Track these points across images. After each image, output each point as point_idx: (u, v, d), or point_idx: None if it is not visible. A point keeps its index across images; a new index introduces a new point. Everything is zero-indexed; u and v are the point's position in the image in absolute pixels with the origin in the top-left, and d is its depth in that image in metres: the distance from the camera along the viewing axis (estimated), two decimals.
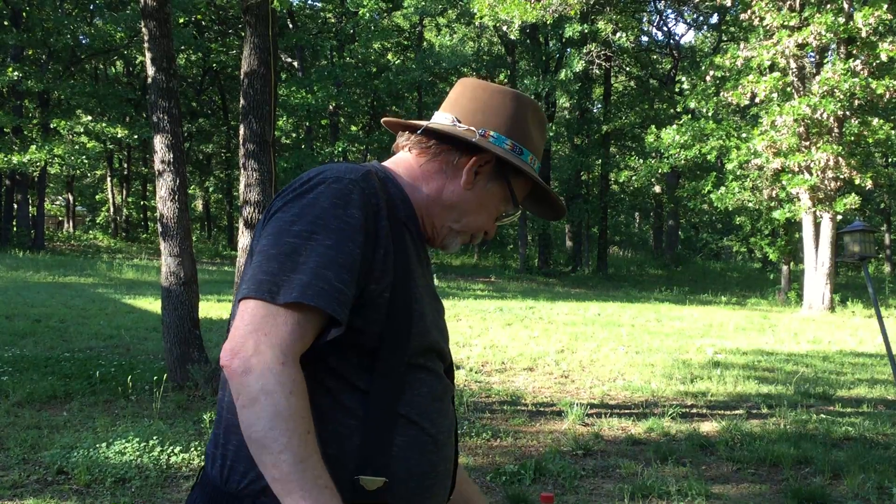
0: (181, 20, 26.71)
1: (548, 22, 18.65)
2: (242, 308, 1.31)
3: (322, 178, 1.39)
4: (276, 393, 1.24)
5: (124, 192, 38.41)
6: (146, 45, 7.59)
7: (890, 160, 29.04)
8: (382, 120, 1.76)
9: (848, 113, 18.19)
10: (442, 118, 1.55)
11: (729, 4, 20.45)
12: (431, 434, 1.44)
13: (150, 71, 7.56)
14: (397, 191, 1.49)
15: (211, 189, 40.46)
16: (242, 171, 7.59)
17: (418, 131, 1.54)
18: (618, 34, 27.35)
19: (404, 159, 1.55)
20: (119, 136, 27.03)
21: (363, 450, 1.36)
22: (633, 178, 25.37)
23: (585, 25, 25.48)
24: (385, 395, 1.38)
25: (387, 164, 1.57)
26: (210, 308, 12.49)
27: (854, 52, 18.15)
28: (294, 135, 36.57)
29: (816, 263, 19.14)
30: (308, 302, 1.28)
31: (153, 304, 12.91)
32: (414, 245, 1.48)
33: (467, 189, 1.52)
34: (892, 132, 18.77)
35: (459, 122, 1.52)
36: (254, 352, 1.26)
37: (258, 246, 1.38)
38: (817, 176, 18.42)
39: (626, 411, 7.16)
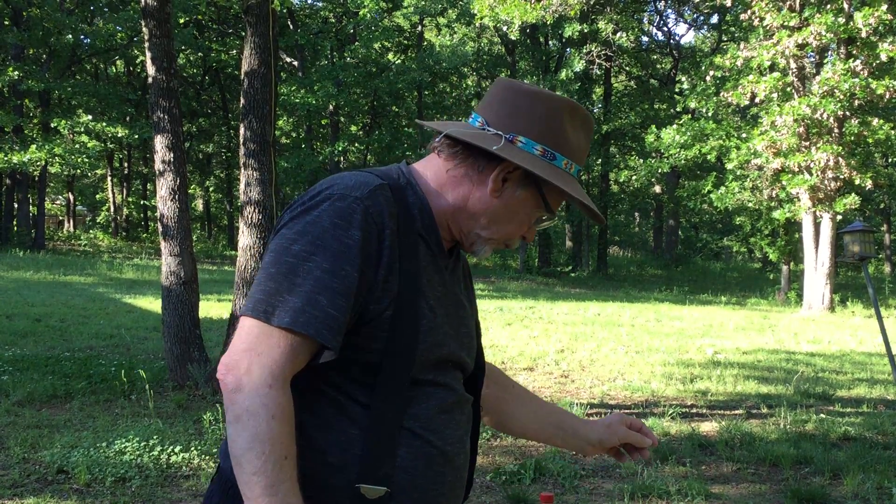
0: (181, 20, 26.72)
1: (548, 22, 18.64)
2: (241, 325, 1.34)
3: (328, 193, 1.38)
4: (258, 415, 1.26)
5: (125, 192, 38.41)
6: (146, 44, 7.59)
7: (890, 160, 29.06)
8: (416, 120, 1.74)
9: (848, 113, 18.19)
10: (473, 120, 1.52)
11: (729, 4, 20.45)
12: (438, 446, 1.43)
13: (151, 70, 7.56)
14: (417, 199, 1.46)
15: (211, 189, 40.47)
16: (243, 170, 7.59)
17: (439, 137, 1.50)
18: (618, 34, 27.37)
19: (434, 163, 1.52)
20: (119, 135, 27.01)
21: (365, 460, 1.36)
22: (633, 177, 25.38)
23: (585, 25, 25.49)
24: (387, 409, 1.38)
25: (417, 165, 1.53)
26: (210, 308, 12.50)
27: (854, 52, 18.15)
28: (294, 134, 36.57)
29: (816, 263, 19.14)
30: (298, 330, 1.30)
31: (153, 304, 12.91)
32: (431, 256, 1.46)
33: (494, 197, 1.47)
34: (892, 132, 18.78)
35: (489, 125, 1.48)
36: (245, 371, 1.28)
37: (263, 260, 1.40)
38: (817, 176, 18.42)
39: (626, 411, 7.16)
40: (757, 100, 19.16)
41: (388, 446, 1.38)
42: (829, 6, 18.19)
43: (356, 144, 31.52)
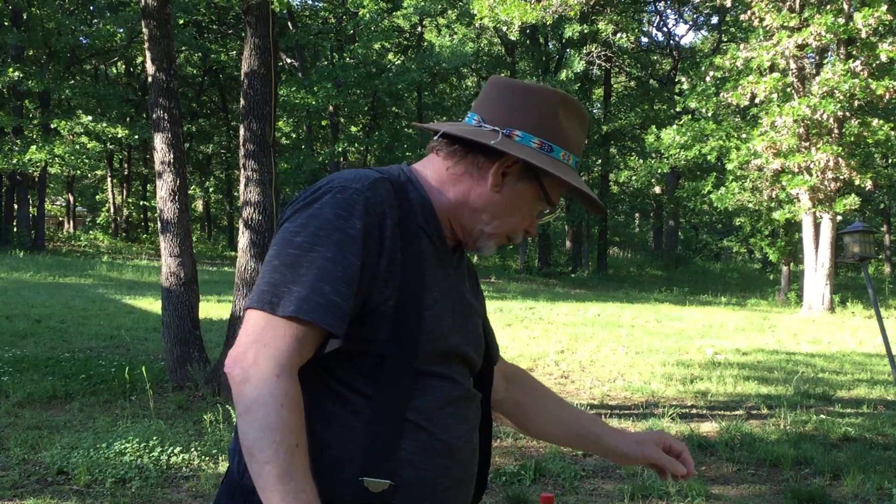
0: (181, 20, 26.71)
1: (547, 22, 18.66)
2: (246, 317, 1.36)
3: (329, 186, 1.41)
4: (268, 405, 1.27)
5: (124, 193, 38.40)
6: (146, 45, 7.60)
7: (890, 161, 29.03)
8: (412, 124, 1.76)
9: (848, 113, 18.19)
10: (469, 119, 1.55)
11: (729, 5, 20.45)
12: (443, 439, 1.44)
13: (151, 71, 7.57)
14: (418, 195, 1.49)
15: (211, 189, 40.45)
16: (242, 171, 7.59)
17: (436, 136, 1.53)
18: (618, 35, 27.38)
19: (434, 162, 1.54)
20: (119, 136, 27.02)
21: (369, 453, 1.37)
22: (633, 178, 25.44)
23: (585, 26, 25.49)
24: (391, 401, 1.39)
25: (417, 165, 1.56)
26: (210, 308, 12.49)
27: (854, 52, 18.16)
28: (294, 135, 36.57)
29: (816, 264, 19.14)
30: (304, 317, 1.31)
31: (153, 305, 12.91)
32: (434, 249, 1.47)
33: (495, 191, 1.50)
34: (892, 133, 18.78)
35: (485, 122, 1.51)
36: (252, 362, 1.30)
37: (267, 253, 1.41)
38: (817, 176, 18.43)
39: (626, 412, 7.16)
40: (757, 100, 19.16)
41: (392, 439, 1.38)
42: (828, 7, 18.19)
43: (356, 145, 31.53)
